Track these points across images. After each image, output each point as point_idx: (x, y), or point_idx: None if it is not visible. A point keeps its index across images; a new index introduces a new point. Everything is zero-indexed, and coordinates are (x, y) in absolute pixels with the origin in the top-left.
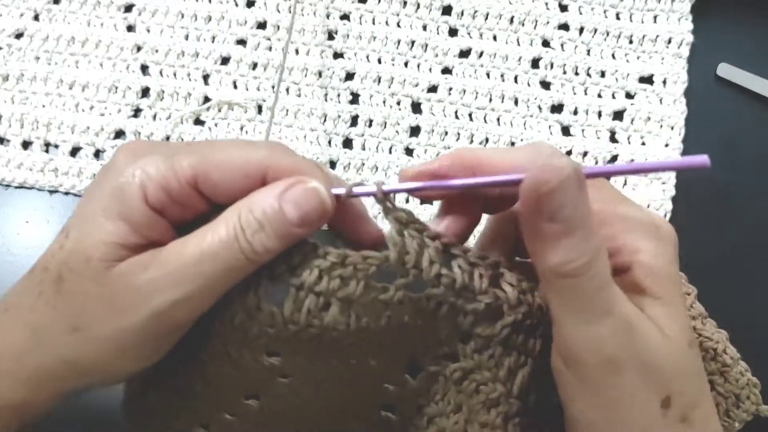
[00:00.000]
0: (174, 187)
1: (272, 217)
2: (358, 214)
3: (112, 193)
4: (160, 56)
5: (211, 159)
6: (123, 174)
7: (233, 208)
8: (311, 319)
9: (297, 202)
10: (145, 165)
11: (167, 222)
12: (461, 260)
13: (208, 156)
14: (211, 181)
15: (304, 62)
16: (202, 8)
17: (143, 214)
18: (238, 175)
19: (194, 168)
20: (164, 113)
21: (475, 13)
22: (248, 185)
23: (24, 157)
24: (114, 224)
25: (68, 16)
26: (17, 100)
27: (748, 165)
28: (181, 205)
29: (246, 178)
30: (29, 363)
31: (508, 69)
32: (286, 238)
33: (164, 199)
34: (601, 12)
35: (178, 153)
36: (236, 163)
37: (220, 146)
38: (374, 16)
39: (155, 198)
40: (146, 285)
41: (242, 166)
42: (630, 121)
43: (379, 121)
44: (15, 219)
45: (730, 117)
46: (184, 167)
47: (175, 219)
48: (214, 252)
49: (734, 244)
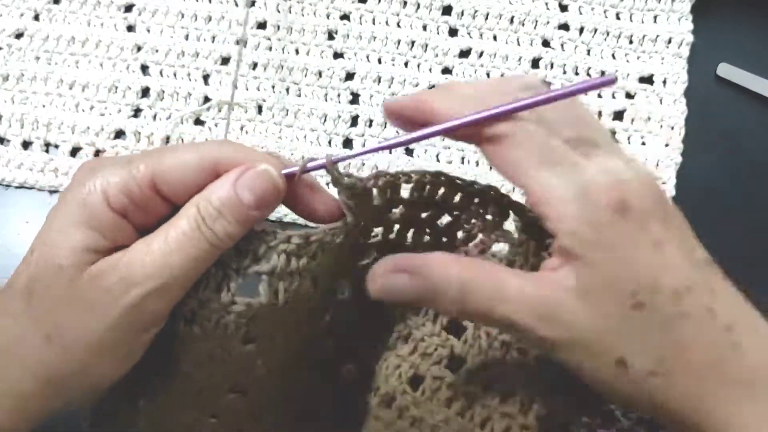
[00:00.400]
0: (134, 191)
1: (229, 203)
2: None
3: (75, 204)
4: (160, 56)
5: (165, 160)
6: (84, 186)
7: (191, 201)
8: (287, 298)
9: (250, 186)
10: (105, 174)
11: (132, 227)
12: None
13: (162, 158)
14: (167, 182)
15: (304, 62)
16: (202, 8)
17: (108, 218)
18: (192, 172)
19: (150, 169)
20: (164, 113)
21: (475, 13)
22: (203, 181)
23: (24, 157)
24: (81, 232)
25: (68, 16)
26: (17, 100)
27: (748, 165)
28: (143, 209)
29: (200, 173)
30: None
31: (508, 69)
32: (245, 221)
33: (126, 203)
34: (601, 12)
35: (134, 159)
36: (189, 161)
37: (173, 149)
38: (374, 16)
39: (117, 202)
40: (117, 283)
41: (195, 162)
42: (630, 121)
43: (379, 121)
44: (15, 219)
45: (730, 117)
46: (141, 170)
47: (140, 224)
48: (180, 243)
49: (734, 244)
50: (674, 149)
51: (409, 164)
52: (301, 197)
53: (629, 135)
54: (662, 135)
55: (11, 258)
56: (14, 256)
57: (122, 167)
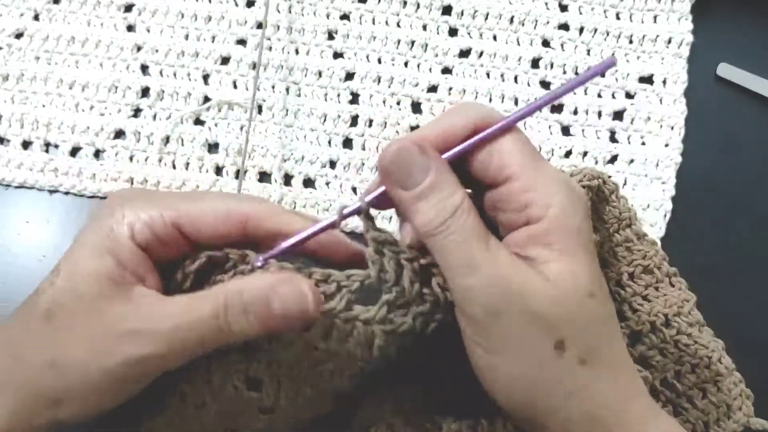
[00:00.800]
0: (159, 227)
1: (258, 303)
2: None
3: (101, 232)
4: (160, 56)
5: (195, 205)
6: (113, 215)
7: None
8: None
9: (284, 299)
10: (134, 207)
11: (151, 261)
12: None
13: (193, 202)
14: (194, 226)
15: (304, 62)
16: (202, 8)
17: (129, 251)
18: (219, 221)
19: (179, 210)
20: (164, 113)
21: (475, 13)
22: (227, 231)
23: (24, 157)
24: (102, 259)
25: (68, 16)
26: (17, 100)
27: (748, 165)
28: (165, 245)
29: (226, 224)
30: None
31: (508, 69)
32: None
33: (150, 238)
34: (601, 12)
35: (167, 198)
36: (218, 210)
37: (204, 195)
38: (374, 16)
39: (142, 237)
40: (126, 335)
41: (223, 213)
42: (630, 121)
43: (379, 121)
44: (15, 219)
45: (730, 117)
46: (170, 209)
47: (160, 257)
48: (192, 323)
49: (734, 244)
50: (674, 149)
51: None
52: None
53: (629, 135)
54: (662, 135)
55: (11, 258)
56: (14, 256)
57: (152, 205)
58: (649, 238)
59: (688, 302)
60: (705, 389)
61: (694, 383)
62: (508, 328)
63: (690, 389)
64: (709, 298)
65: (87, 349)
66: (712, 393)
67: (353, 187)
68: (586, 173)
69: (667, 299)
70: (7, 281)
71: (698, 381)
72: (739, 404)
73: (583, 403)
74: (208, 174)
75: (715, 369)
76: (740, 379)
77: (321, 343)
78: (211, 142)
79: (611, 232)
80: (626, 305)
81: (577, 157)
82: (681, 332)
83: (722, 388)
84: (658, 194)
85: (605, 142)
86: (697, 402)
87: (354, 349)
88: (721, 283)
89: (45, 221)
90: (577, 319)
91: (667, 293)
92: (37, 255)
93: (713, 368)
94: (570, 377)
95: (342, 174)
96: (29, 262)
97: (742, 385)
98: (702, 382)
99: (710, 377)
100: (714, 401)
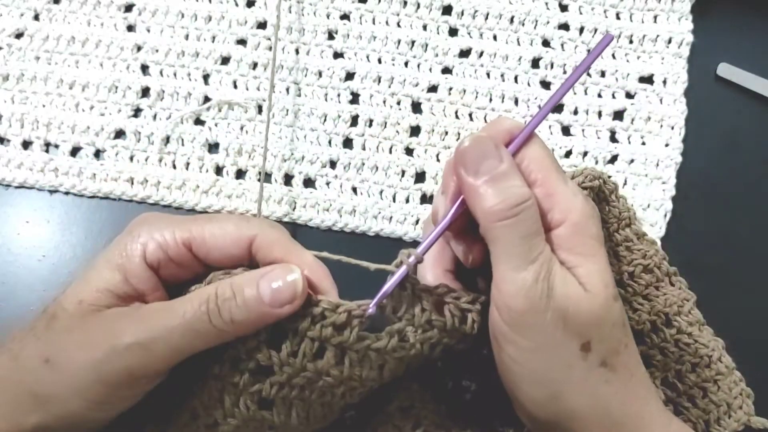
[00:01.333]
0: (171, 247)
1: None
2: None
3: (117, 249)
4: (160, 56)
5: (207, 227)
6: (131, 235)
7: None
8: (305, 363)
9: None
10: (151, 229)
11: (159, 280)
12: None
13: (206, 224)
14: (205, 246)
15: (304, 62)
16: (202, 8)
17: (138, 267)
18: (228, 243)
19: (192, 232)
20: (164, 113)
21: (475, 13)
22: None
23: (24, 157)
24: (110, 273)
25: (68, 16)
26: (17, 100)
27: (748, 165)
28: (178, 264)
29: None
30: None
31: (508, 69)
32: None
33: (162, 257)
34: (601, 12)
35: (183, 221)
36: (228, 232)
37: (216, 218)
38: (374, 16)
39: (153, 256)
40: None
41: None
42: (630, 120)
43: (379, 121)
44: (15, 219)
45: (730, 117)
46: (182, 231)
47: (170, 278)
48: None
49: (734, 243)
50: (674, 149)
51: (409, 163)
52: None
53: (629, 135)
54: (662, 135)
55: (11, 258)
56: (14, 256)
57: (167, 225)
58: (649, 238)
59: (689, 301)
60: (705, 388)
61: (694, 382)
62: (544, 326)
63: (691, 388)
64: (709, 298)
65: (79, 347)
66: (713, 392)
67: (353, 187)
68: (587, 173)
69: (668, 298)
70: (7, 281)
71: (699, 380)
72: (739, 403)
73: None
74: (208, 174)
75: (716, 368)
76: (741, 378)
77: (333, 370)
78: (211, 142)
79: (611, 231)
80: (627, 305)
81: (577, 157)
82: (681, 331)
83: (723, 387)
84: (658, 194)
85: (605, 142)
86: (698, 401)
87: (366, 374)
88: (721, 283)
89: (45, 221)
90: (603, 323)
91: (667, 292)
92: (37, 255)
93: (714, 367)
94: (593, 379)
95: (342, 174)
96: (29, 262)
97: (742, 384)
98: (702, 381)
99: (711, 376)
100: (715, 400)
